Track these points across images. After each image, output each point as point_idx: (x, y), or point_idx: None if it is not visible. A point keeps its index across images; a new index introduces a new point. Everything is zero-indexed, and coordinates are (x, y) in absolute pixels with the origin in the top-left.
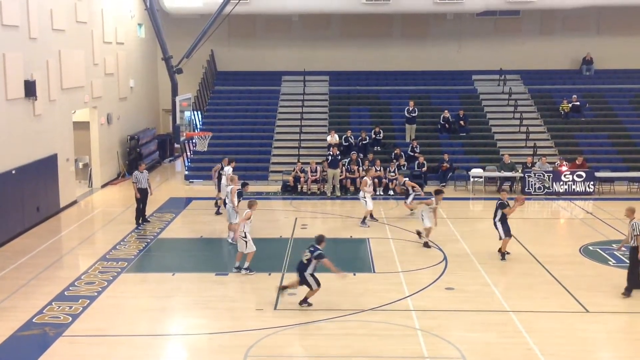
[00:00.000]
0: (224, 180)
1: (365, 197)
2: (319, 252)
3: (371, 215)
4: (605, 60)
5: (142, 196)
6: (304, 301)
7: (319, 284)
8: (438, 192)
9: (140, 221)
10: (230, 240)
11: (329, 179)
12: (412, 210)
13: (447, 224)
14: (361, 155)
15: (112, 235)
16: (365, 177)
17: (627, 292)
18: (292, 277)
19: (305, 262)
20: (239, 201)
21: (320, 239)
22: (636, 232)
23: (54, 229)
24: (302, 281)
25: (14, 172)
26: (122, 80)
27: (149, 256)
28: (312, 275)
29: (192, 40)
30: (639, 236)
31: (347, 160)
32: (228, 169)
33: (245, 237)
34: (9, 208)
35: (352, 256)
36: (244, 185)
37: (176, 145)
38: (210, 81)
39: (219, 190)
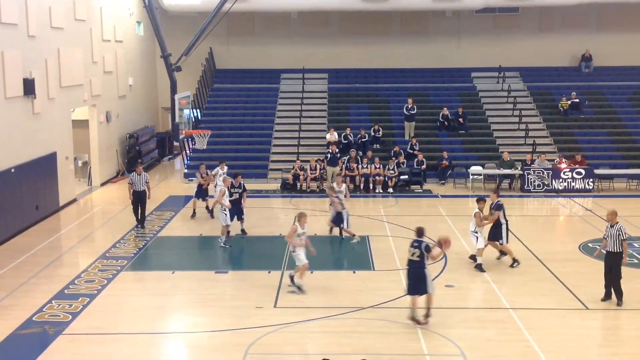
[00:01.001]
0: (218, 181)
1: (330, 205)
2: (425, 243)
3: (331, 229)
4: (604, 57)
5: (136, 198)
6: (427, 316)
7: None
8: (480, 201)
9: (138, 224)
10: (221, 243)
11: (328, 176)
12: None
13: (446, 222)
14: (360, 153)
15: (111, 233)
16: (332, 185)
17: (619, 300)
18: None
19: (418, 259)
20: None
21: (421, 231)
22: (622, 236)
23: (54, 227)
24: (420, 288)
25: (13, 170)
26: (121, 78)
27: (148, 254)
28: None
29: (190, 38)
30: (625, 241)
31: (346, 158)
32: (217, 171)
33: (295, 251)
34: (8, 206)
35: (351, 254)
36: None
37: (175, 143)
38: (209, 79)
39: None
